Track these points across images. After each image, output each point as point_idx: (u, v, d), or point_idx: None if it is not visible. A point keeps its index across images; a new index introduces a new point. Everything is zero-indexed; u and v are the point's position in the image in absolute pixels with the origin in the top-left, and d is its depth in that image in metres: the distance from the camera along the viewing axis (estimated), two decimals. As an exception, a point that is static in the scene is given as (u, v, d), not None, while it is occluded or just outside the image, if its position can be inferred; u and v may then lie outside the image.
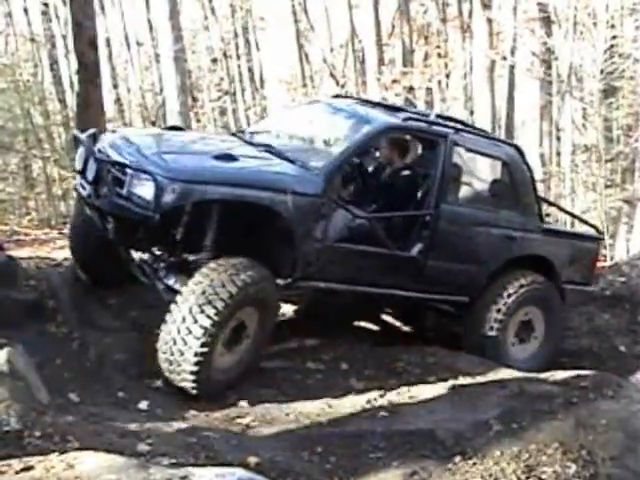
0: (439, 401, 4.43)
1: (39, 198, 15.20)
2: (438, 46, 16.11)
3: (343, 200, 5.12)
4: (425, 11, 17.43)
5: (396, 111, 5.79)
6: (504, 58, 14.13)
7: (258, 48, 21.48)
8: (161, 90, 15.91)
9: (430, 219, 5.38)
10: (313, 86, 19.60)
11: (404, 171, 5.72)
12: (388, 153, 5.84)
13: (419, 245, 5.37)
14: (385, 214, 5.37)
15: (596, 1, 12.90)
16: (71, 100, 13.21)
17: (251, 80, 20.99)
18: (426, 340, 6.05)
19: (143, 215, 4.28)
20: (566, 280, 6.16)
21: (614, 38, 12.85)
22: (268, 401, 4.39)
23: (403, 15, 15.86)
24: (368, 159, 6.21)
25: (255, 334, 4.59)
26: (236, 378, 4.55)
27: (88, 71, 8.03)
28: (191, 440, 3.34)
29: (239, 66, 20.41)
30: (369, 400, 4.44)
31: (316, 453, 3.50)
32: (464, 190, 5.72)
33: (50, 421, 3.20)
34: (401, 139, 5.74)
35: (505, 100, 15.76)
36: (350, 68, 18.53)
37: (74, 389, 4.15)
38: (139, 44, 21.10)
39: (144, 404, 4.18)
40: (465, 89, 15.71)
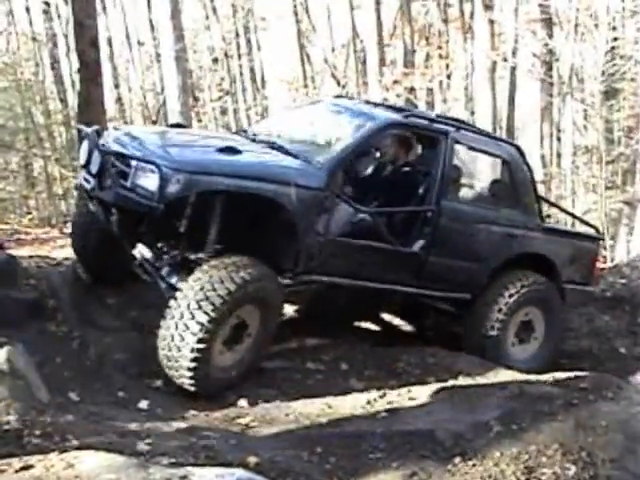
0: (439, 402, 4.42)
1: (40, 197, 15.21)
2: (439, 47, 16.11)
3: (346, 195, 5.13)
4: (427, 12, 17.43)
5: (397, 110, 5.85)
6: (505, 59, 14.14)
7: (259, 48, 21.49)
8: (162, 89, 15.91)
9: (431, 215, 5.40)
10: (314, 86, 19.60)
11: (406, 168, 5.75)
12: (394, 150, 5.88)
13: (420, 241, 5.39)
14: (387, 209, 5.39)
15: (597, 3, 12.91)
16: (72, 99, 13.21)
17: (252, 80, 21.01)
18: (426, 340, 6.05)
19: (147, 206, 4.28)
20: (566, 280, 6.17)
21: (615, 40, 12.86)
22: (268, 401, 4.39)
23: (404, 16, 15.85)
24: (370, 155, 6.24)
25: (257, 334, 4.59)
26: (237, 377, 4.55)
27: (89, 70, 8.04)
28: (191, 440, 3.33)
29: (240, 66, 20.42)
30: (369, 400, 4.44)
31: (316, 453, 3.50)
32: (465, 188, 5.76)
33: (50, 420, 3.21)
34: (406, 136, 5.76)
35: (506, 101, 15.78)
36: (351, 68, 18.53)
37: (74, 388, 4.15)
38: (140, 43, 21.11)
39: (144, 404, 4.18)
40: (466, 90, 15.74)
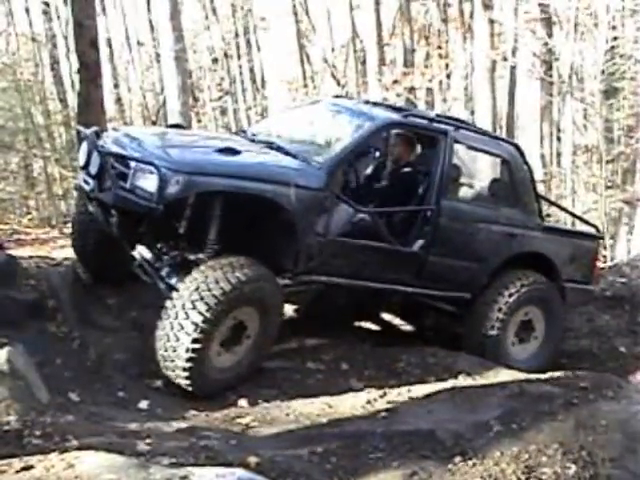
0: (439, 401, 4.42)
1: (39, 197, 15.18)
2: (439, 46, 16.11)
3: (345, 195, 5.13)
4: (426, 11, 17.42)
5: (397, 110, 5.85)
6: (505, 59, 14.13)
7: (259, 48, 21.47)
8: (162, 90, 15.91)
9: (431, 215, 5.41)
10: (314, 86, 19.59)
11: (405, 167, 5.76)
12: (394, 150, 5.89)
13: (420, 241, 5.39)
14: (386, 209, 5.39)
15: (597, 2, 12.90)
16: (72, 100, 13.20)
17: (252, 80, 21.00)
18: (426, 340, 6.05)
19: (147, 207, 4.29)
20: (566, 279, 6.17)
21: (615, 39, 12.85)
22: (268, 401, 4.39)
23: (404, 15, 15.86)
24: (370, 155, 6.25)
25: (256, 335, 4.59)
26: (236, 378, 4.55)
27: (89, 71, 8.04)
28: (191, 440, 3.33)
29: (240, 66, 20.41)
30: (369, 400, 4.44)
31: (316, 453, 3.49)
32: (464, 187, 5.77)
33: (50, 420, 3.21)
34: (408, 136, 5.77)
35: (506, 101, 15.77)
36: (351, 68, 18.52)
37: (74, 389, 4.15)
38: (140, 44, 21.11)
39: (144, 404, 4.18)
40: (466, 90, 15.73)
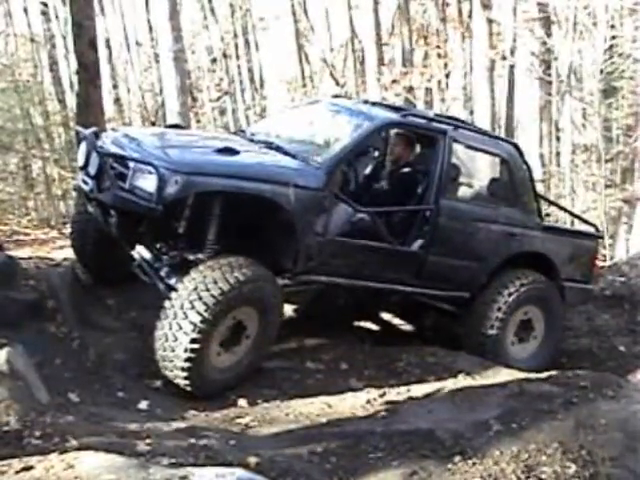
0: (439, 401, 4.43)
1: (39, 198, 15.17)
2: (438, 46, 16.08)
3: (344, 194, 5.13)
4: (425, 11, 17.41)
5: (396, 110, 5.85)
6: (504, 58, 14.12)
7: (258, 48, 21.44)
8: (161, 90, 15.89)
9: (430, 215, 5.41)
10: (313, 86, 19.59)
11: (404, 167, 5.76)
12: (393, 150, 5.88)
13: (419, 240, 5.40)
14: (386, 209, 5.40)
15: (596, 1, 12.89)
16: (71, 100, 13.20)
17: (251, 80, 20.97)
18: (425, 340, 6.05)
19: (146, 207, 4.29)
20: (566, 278, 6.17)
21: (614, 38, 12.84)
22: (268, 401, 4.40)
23: (403, 15, 15.86)
24: (369, 155, 6.25)
25: (256, 335, 4.59)
26: (235, 378, 4.55)
27: (88, 71, 8.03)
28: (191, 440, 3.33)
29: (239, 66, 20.39)
30: (369, 400, 4.44)
31: (316, 453, 3.50)
32: (464, 187, 5.76)
33: (50, 421, 3.21)
34: (407, 135, 5.77)
35: (505, 100, 15.77)
36: (350, 68, 18.52)
37: (74, 389, 4.15)
38: (138, 44, 21.10)
39: (144, 404, 4.18)
40: (465, 89, 15.71)
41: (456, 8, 16.27)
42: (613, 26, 13.23)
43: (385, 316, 6.67)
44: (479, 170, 5.92)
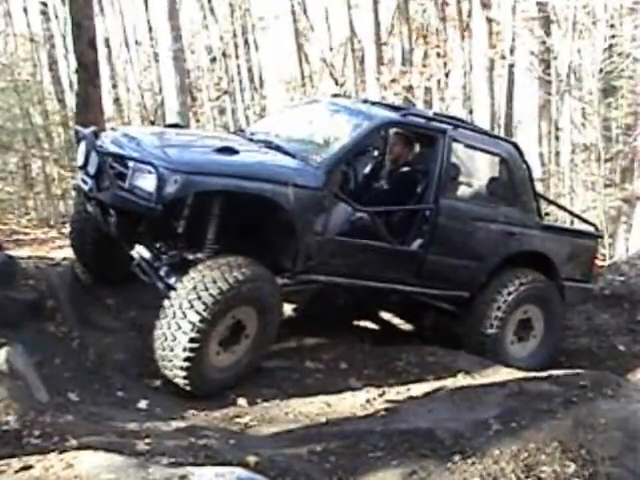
0: (438, 400, 4.43)
1: (38, 198, 15.16)
2: (437, 45, 16.08)
3: (344, 194, 5.13)
4: (424, 11, 17.41)
5: (395, 109, 5.85)
6: (503, 57, 14.11)
7: (257, 48, 21.45)
8: (160, 90, 15.89)
9: (430, 214, 5.41)
10: (312, 86, 19.60)
11: (404, 166, 5.76)
12: (393, 149, 5.88)
13: (419, 240, 5.40)
14: (385, 208, 5.39)
15: (595, 0, 12.89)
16: (70, 100, 13.20)
17: (250, 80, 20.96)
18: (425, 339, 6.05)
19: (145, 207, 4.29)
20: (565, 277, 6.17)
21: (613, 37, 12.82)
22: (267, 400, 4.40)
23: (402, 14, 15.87)
24: (369, 154, 6.25)
25: (255, 335, 4.59)
26: (234, 378, 4.55)
27: (87, 71, 8.04)
28: (190, 439, 3.33)
29: (238, 66, 20.37)
30: (368, 399, 4.44)
31: (315, 452, 3.50)
32: (463, 186, 5.76)
33: (49, 420, 3.21)
34: (407, 135, 5.77)
35: (504, 99, 15.75)
36: (349, 68, 18.52)
37: (73, 388, 4.15)
38: (138, 44, 21.09)
39: (143, 403, 4.18)
40: (464, 88, 15.69)
41: (455, 7, 16.25)
42: (612, 25, 13.22)
43: (385, 316, 6.67)
44: (478, 169, 5.92)
